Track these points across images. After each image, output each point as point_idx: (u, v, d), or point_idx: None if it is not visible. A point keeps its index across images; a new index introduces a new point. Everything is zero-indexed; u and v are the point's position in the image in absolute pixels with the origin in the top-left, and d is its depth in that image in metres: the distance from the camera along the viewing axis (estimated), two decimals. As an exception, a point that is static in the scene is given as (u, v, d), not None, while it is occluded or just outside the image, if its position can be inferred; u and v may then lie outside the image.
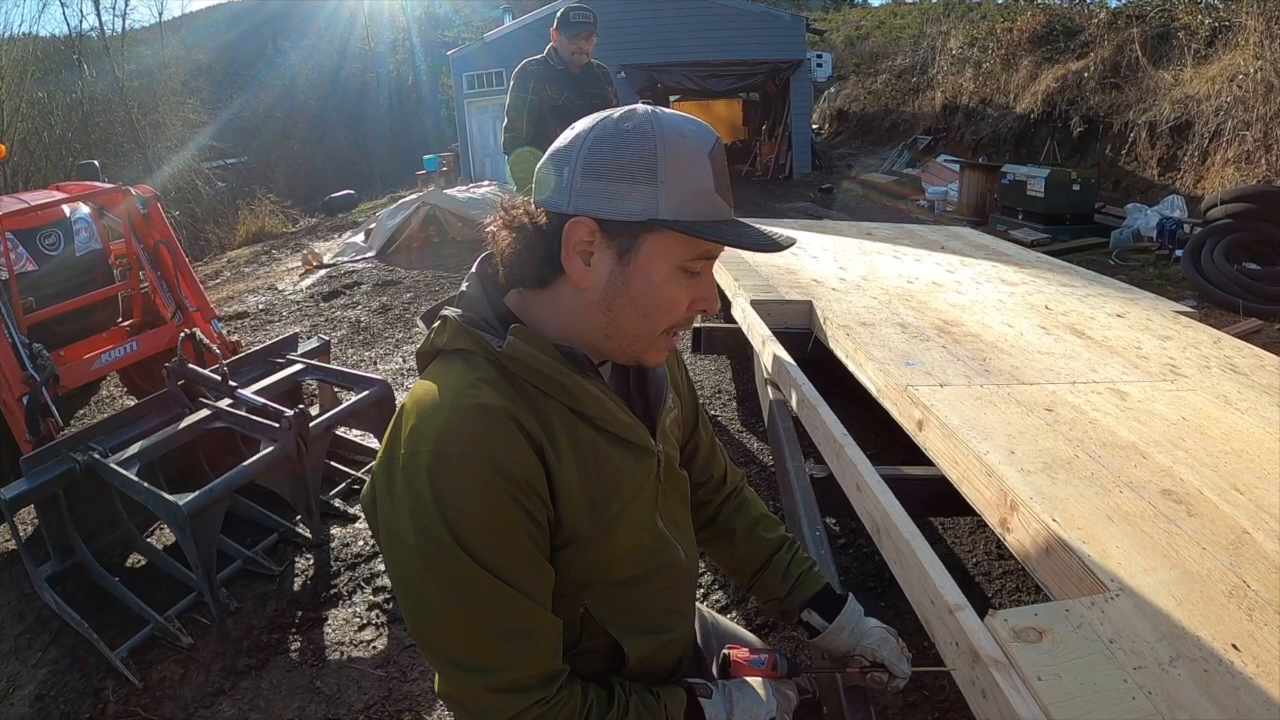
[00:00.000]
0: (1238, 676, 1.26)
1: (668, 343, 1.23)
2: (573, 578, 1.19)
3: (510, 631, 1.10)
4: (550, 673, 1.14)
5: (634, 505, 1.25)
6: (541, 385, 1.16)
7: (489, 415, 1.08)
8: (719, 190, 1.14)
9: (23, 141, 19.84)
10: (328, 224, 17.28)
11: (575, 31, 4.68)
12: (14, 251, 4.37)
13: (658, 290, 1.15)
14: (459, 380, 1.13)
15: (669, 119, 1.13)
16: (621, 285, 1.14)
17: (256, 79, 30.30)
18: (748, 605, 3.18)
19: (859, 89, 23.72)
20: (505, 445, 1.08)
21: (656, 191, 1.09)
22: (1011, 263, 4.82)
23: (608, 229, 1.12)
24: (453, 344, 1.18)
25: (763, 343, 3.20)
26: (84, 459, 3.36)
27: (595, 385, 1.20)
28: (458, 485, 1.05)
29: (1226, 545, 1.61)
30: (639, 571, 1.28)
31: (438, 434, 1.07)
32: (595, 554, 1.21)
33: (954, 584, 1.52)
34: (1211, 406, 2.40)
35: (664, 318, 1.17)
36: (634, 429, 1.25)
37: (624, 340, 1.19)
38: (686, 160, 1.11)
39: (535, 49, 5.00)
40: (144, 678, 3.03)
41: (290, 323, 8.22)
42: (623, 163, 1.10)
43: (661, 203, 1.10)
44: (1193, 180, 10.73)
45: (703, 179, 1.12)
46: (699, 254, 1.15)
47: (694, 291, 1.18)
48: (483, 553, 1.06)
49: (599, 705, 1.18)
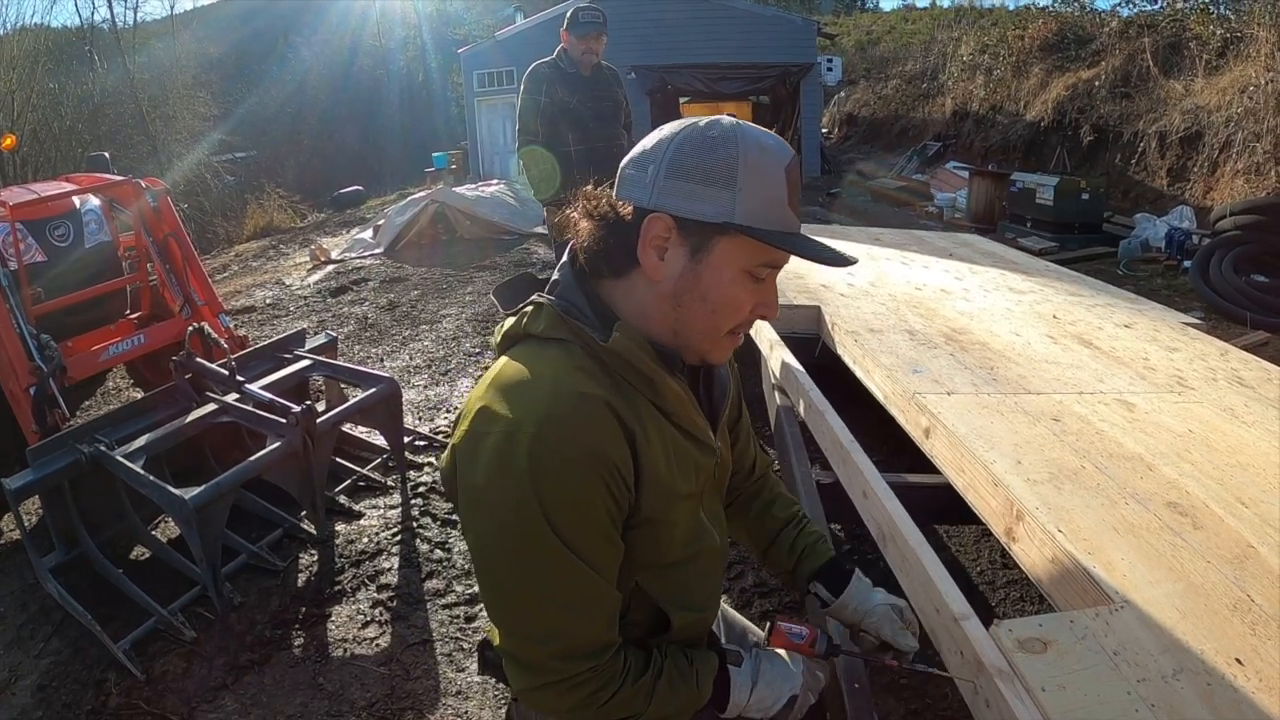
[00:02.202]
0: (1240, 691, 1.26)
1: (732, 342, 1.30)
2: (634, 557, 1.26)
3: (576, 604, 1.17)
4: (605, 643, 1.22)
5: (694, 496, 1.33)
6: (631, 379, 1.22)
7: (590, 403, 1.14)
8: (791, 204, 1.20)
9: (33, 132, 19.89)
10: (336, 219, 17.28)
11: (585, 31, 4.68)
12: (23, 242, 4.37)
13: (726, 290, 1.21)
14: (559, 367, 1.18)
15: (752, 132, 1.19)
16: (692, 281, 1.20)
17: (268, 74, 30.35)
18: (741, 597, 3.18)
19: (869, 94, 23.70)
20: (603, 432, 1.14)
21: (734, 197, 1.15)
22: (1020, 271, 4.81)
23: (684, 227, 1.18)
24: (550, 331, 1.23)
25: (771, 347, 3.20)
26: (90, 451, 3.36)
27: (679, 383, 1.28)
28: (557, 467, 1.10)
29: (1231, 559, 1.61)
30: (685, 555, 1.34)
31: (541, 416, 1.12)
32: (656, 537, 1.27)
33: (959, 593, 1.52)
34: (1218, 419, 2.40)
35: (729, 317, 1.23)
36: (703, 428, 1.33)
37: (690, 337, 1.25)
38: (764, 171, 1.17)
39: (546, 48, 5.01)
40: (146, 670, 3.02)
41: (297, 318, 8.22)
42: (705, 166, 1.16)
43: (737, 208, 1.15)
44: (1202, 191, 10.70)
45: (778, 190, 1.18)
46: (765, 261, 1.21)
47: (758, 296, 1.24)
48: (568, 532, 1.12)
49: (635, 667, 1.25)
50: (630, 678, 1.24)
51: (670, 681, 1.28)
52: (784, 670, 1.42)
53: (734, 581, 3.33)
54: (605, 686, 1.21)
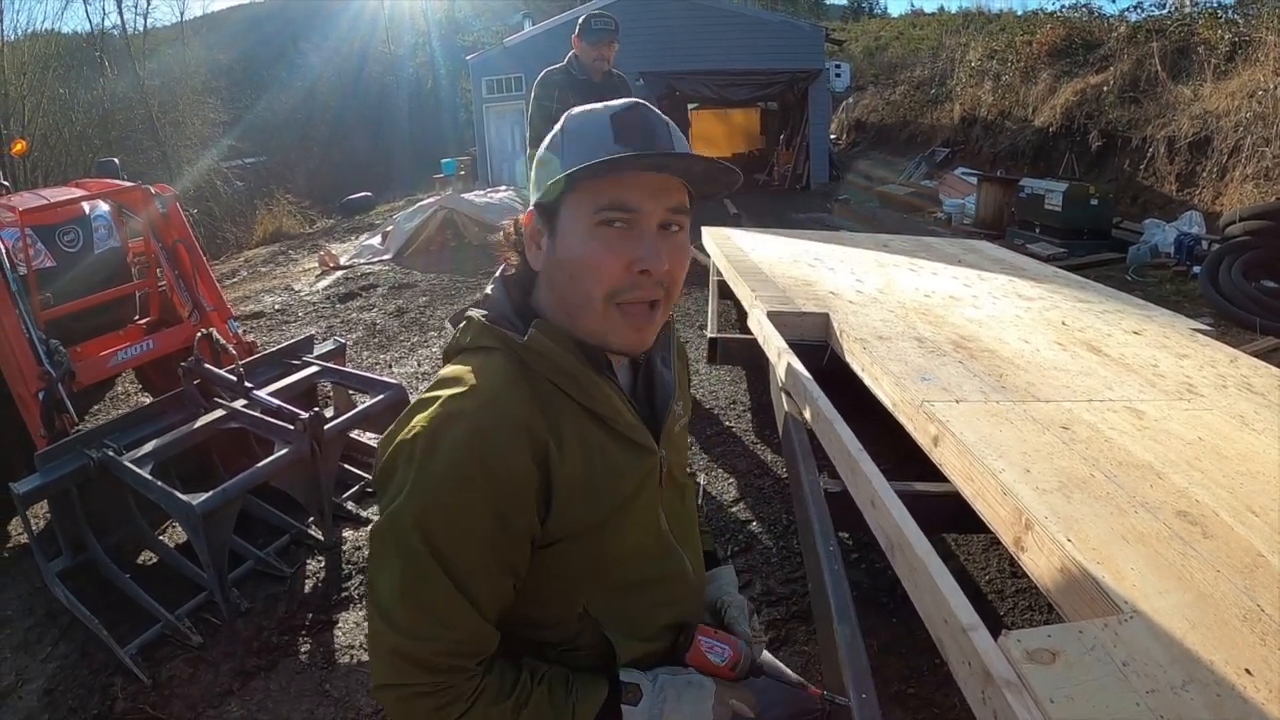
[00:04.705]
0: (1250, 702, 1.25)
1: (627, 316, 1.20)
2: (571, 572, 1.23)
3: (436, 614, 1.12)
4: (451, 665, 1.15)
5: (637, 503, 1.27)
6: (557, 380, 1.19)
7: (494, 414, 1.12)
8: (622, 140, 1.16)
9: (43, 137, 20.04)
10: (344, 225, 17.35)
11: (597, 38, 4.69)
12: (33, 247, 4.39)
13: (578, 250, 1.17)
14: (473, 375, 1.17)
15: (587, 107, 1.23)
16: (554, 258, 1.21)
17: (277, 80, 30.51)
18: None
19: (877, 100, 23.68)
20: (502, 448, 1.11)
21: (561, 158, 1.18)
22: (1028, 277, 4.80)
23: (540, 211, 1.21)
24: (476, 342, 1.24)
25: (779, 354, 3.19)
26: (98, 456, 3.37)
27: (608, 383, 1.24)
28: (438, 474, 1.09)
29: (1241, 569, 1.60)
30: (643, 577, 1.30)
31: (438, 421, 1.12)
32: (598, 549, 1.23)
33: (968, 603, 1.51)
34: (1228, 427, 2.39)
35: (592, 279, 1.17)
36: (639, 430, 1.28)
37: (582, 321, 1.21)
38: (586, 126, 1.20)
39: (554, 55, 5.01)
40: (153, 675, 3.03)
41: (306, 324, 8.25)
42: (542, 154, 1.22)
43: (563, 165, 1.15)
44: (1211, 196, 10.68)
45: (600, 134, 1.17)
46: (608, 203, 1.15)
47: (625, 249, 1.16)
48: (440, 542, 1.10)
49: (492, 690, 1.18)
50: (484, 701, 1.16)
51: (536, 713, 1.19)
52: (695, 708, 1.28)
53: (741, 590, 3.31)
54: (448, 705, 1.15)
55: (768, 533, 3.70)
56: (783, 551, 3.55)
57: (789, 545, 3.58)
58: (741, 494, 4.05)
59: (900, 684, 2.71)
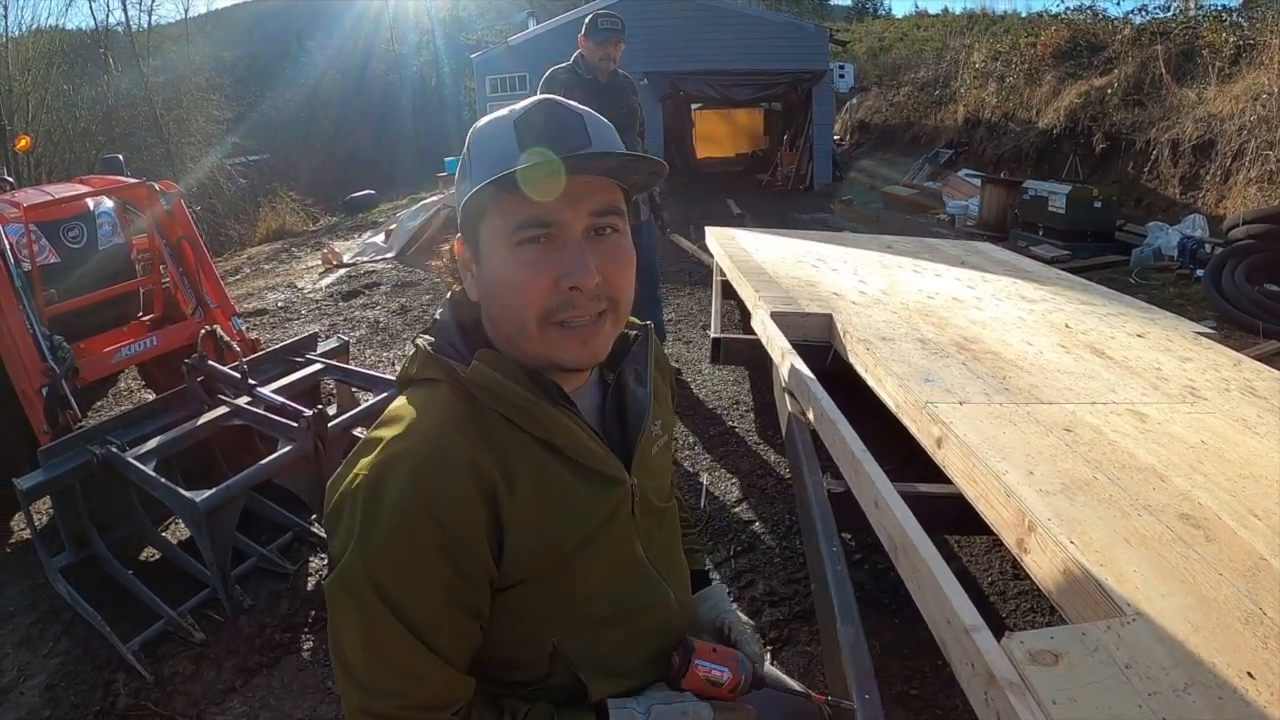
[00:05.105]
0: (1252, 705, 1.25)
1: (565, 336, 1.12)
2: (535, 614, 1.17)
3: (399, 668, 1.07)
4: (417, 716, 1.10)
5: (604, 538, 1.20)
6: (507, 412, 1.13)
7: (435, 455, 1.07)
8: (527, 144, 1.07)
9: (47, 134, 20.07)
10: (348, 223, 17.34)
11: (603, 38, 4.70)
12: (37, 243, 4.39)
13: (501, 270, 1.10)
14: (419, 415, 1.12)
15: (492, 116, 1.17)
16: (481, 285, 1.15)
17: (281, 78, 30.59)
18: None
19: (881, 101, 23.66)
20: (445, 492, 1.05)
21: (470, 180, 1.12)
22: (1031, 279, 4.80)
23: (466, 238, 1.16)
24: (422, 373, 1.17)
25: (782, 355, 3.19)
26: (101, 452, 3.37)
27: (564, 413, 1.15)
28: (384, 521, 1.03)
29: (1243, 572, 1.60)
30: (614, 612, 1.23)
31: (379, 468, 1.07)
32: (563, 588, 1.17)
33: (971, 605, 1.51)
34: (1231, 430, 2.39)
35: (520, 300, 1.09)
36: (604, 459, 1.20)
37: (520, 345, 1.14)
38: (489, 137, 1.14)
39: (558, 53, 5.02)
40: (155, 672, 3.04)
41: (309, 321, 8.25)
42: (458, 176, 1.17)
43: (473, 182, 1.10)
44: (1215, 199, 10.66)
45: (504, 144, 1.10)
46: (525, 220, 1.07)
47: (550, 265, 1.08)
48: (393, 592, 1.04)
49: None
50: None
51: None
52: None
53: (744, 590, 3.32)
54: None
55: (771, 533, 3.71)
56: (786, 552, 3.55)
57: (792, 546, 3.58)
58: (745, 494, 4.05)
59: (903, 685, 2.71)
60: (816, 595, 2.20)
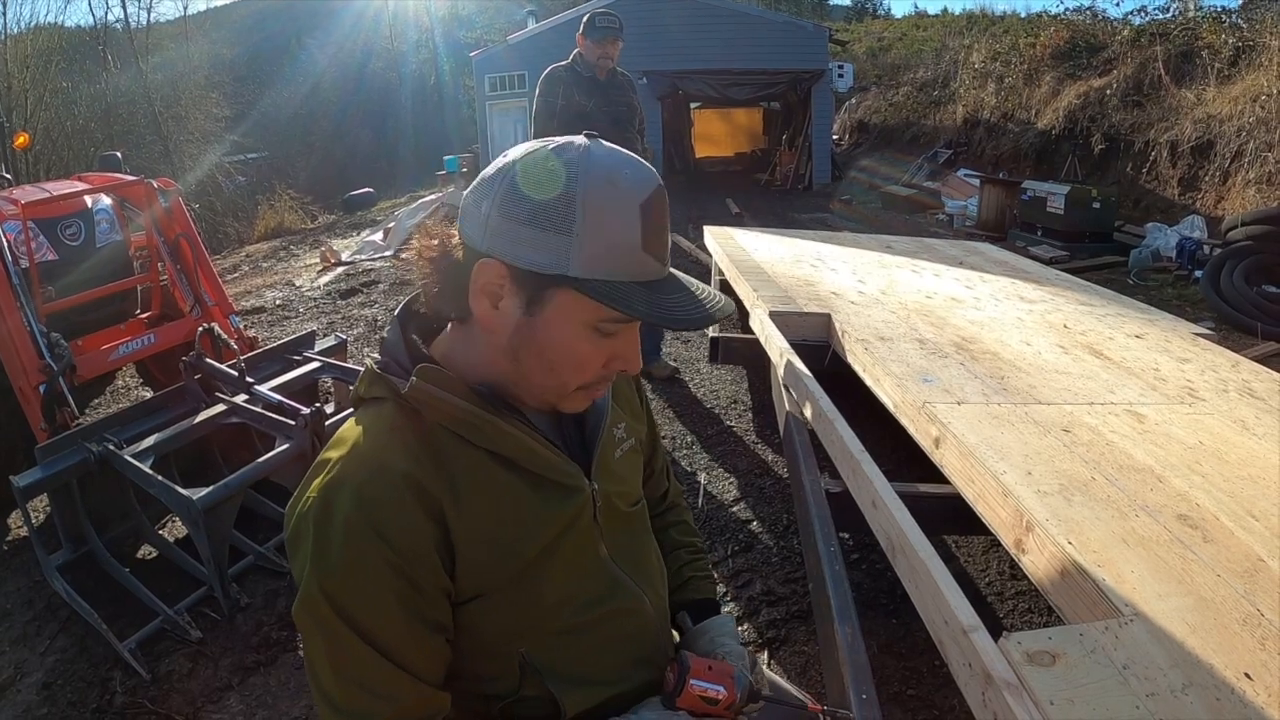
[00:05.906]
0: (1250, 706, 1.25)
1: (587, 396, 1.16)
2: (499, 628, 1.15)
3: (369, 686, 1.06)
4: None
5: (564, 546, 1.17)
6: (453, 427, 1.10)
7: (381, 478, 1.05)
8: (648, 247, 1.02)
9: (45, 131, 20.04)
10: (346, 221, 17.35)
11: (601, 36, 4.69)
12: (35, 240, 4.39)
13: (567, 347, 1.06)
14: (362, 435, 1.10)
15: (604, 160, 1.02)
16: (528, 335, 1.06)
17: (281, 76, 30.58)
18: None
19: (880, 100, 23.65)
20: (392, 511, 1.04)
21: (570, 244, 0.98)
22: (1030, 280, 4.80)
23: (517, 275, 1.03)
24: (369, 392, 1.15)
25: (780, 354, 3.19)
26: (98, 449, 3.37)
27: (513, 424, 1.13)
28: (335, 542, 1.02)
29: (1241, 573, 1.60)
30: (582, 620, 1.20)
31: (326, 490, 1.05)
32: (520, 601, 1.15)
33: (968, 605, 1.51)
34: (1229, 431, 2.39)
35: (573, 375, 1.09)
36: (560, 467, 1.17)
37: (534, 390, 1.13)
38: (611, 211, 1.00)
39: (558, 52, 5.01)
40: (152, 670, 3.03)
41: (307, 319, 8.25)
42: (538, 206, 0.99)
43: (574, 257, 0.99)
44: (1213, 201, 10.67)
45: (629, 234, 1.00)
46: (615, 318, 1.04)
47: (611, 351, 1.09)
48: (352, 611, 1.03)
49: None
50: None
51: None
52: None
53: (741, 589, 3.32)
54: None
55: (768, 532, 3.70)
56: (783, 551, 3.55)
57: (789, 545, 3.58)
58: (742, 493, 4.05)
59: (900, 685, 2.71)
60: (814, 595, 2.20)
